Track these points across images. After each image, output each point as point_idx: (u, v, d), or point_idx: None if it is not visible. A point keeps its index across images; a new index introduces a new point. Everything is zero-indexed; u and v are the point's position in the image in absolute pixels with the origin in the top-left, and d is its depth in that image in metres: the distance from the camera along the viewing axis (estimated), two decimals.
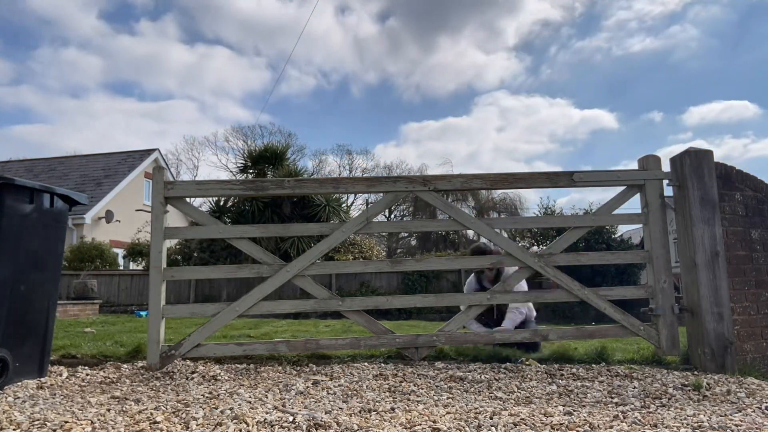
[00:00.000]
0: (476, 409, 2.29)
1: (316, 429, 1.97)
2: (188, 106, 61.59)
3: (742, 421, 2.15)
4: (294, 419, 2.05)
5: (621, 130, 57.24)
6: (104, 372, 3.16)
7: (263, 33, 57.83)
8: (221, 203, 14.98)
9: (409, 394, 2.61)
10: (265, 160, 15.62)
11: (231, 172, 33.32)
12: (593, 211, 4.66)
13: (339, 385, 2.76)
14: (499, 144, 59.63)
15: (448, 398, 2.54)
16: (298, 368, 3.25)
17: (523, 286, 4.00)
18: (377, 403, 2.39)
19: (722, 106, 56.89)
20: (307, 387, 2.73)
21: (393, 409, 2.29)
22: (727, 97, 58.20)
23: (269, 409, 2.24)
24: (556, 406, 2.39)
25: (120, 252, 17.75)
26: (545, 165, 55.31)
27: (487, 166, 55.25)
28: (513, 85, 58.96)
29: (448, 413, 2.22)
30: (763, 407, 2.39)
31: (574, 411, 2.29)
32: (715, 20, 53.86)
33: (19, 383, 2.79)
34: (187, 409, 2.23)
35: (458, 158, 57.05)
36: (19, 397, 2.53)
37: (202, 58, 59.99)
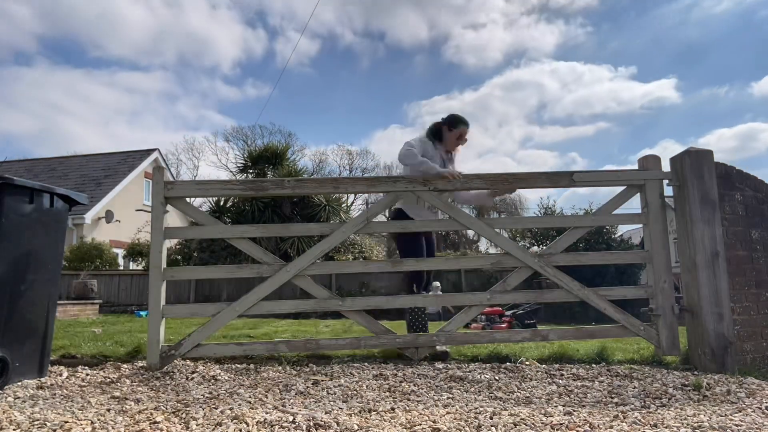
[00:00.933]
0: (476, 409, 2.29)
1: (316, 429, 1.97)
2: (162, 76, 54.15)
3: (742, 421, 2.15)
4: (294, 419, 2.05)
5: (681, 107, 53.34)
6: (104, 372, 3.16)
7: None
8: (221, 203, 14.99)
9: (409, 394, 2.61)
10: (266, 160, 15.64)
11: (231, 172, 33.31)
12: (593, 211, 4.67)
13: (339, 385, 2.76)
14: (534, 129, 54.76)
15: (448, 398, 2.54)
16: (298, 368, 3.25)
17: None
18: (377, 403, 2.39)
19: None
20: (307, 387, 2.73)
21: (393, 409, 2.29)
22: None
23: (269, 409, 2.24)
24: (556, 406, 2.39)
25: (120, 252, 17.74)
26: (579, 158, 52.39)
27: (518, 157, 52.07)
28: (567, 53, 53.77)
29: (448, 413, 2.22)
30: (763, 407, 2.38)
31: (574, 411, 2.29)
32: None
33: (19, 383, 2.79)
34: (187, 409, 2.23)
35: (478, 149, 53.54)
36: (19, 397, 2.52)
37: (166, 11, 50.31)
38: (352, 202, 30.49)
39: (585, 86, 53.69)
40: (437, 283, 12.46)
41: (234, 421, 2.03)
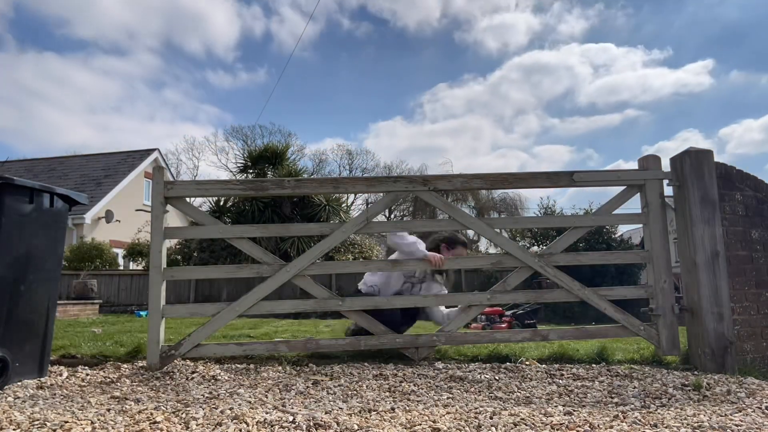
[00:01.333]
0: (476, 409, 2.29)
1: (316, 429, 1.96)
2: (149, 61, 50.08)
3: (742, 421, 2.14)
4: (294, 419, 2.05)
5: (713, 93, 51.02)
6: (104, 372, 3.16)
7: None
8: (221, 203, 14.98)
9: (409, 394, 2.61)
10: (265, 160, 15.62)
11: (231, 172, 33.37)
12: (593, 211, 4.67)
13: (339, 385, 2.76)
14: (553, 121, 52.28)
15: (448, 398, 2.54)
16: (298, 368, 3.25)
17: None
18: (377, 403, 2.39)
19: None
20: (307, 387, 2.73)
21: (393, 409, 2.29)
22: None
23: (269, 409, 2.24)
24: (556, 406, 2.39)
25: (120, 252, 17.75)
26: (595, 153, 50.43)
27: (534, 152, 50.58)
28: (600, 36, 51.22)
29: (448, 413, 2.22)
30: (763, 407, 2.39)
31: (574, 411, 2.29)
32: None
33: (19, 383, 2.79)
34: (187, 409, 2.23)
35: (491, 143, 51.64)
36: (19, 397, 2.53)
37: None
38: (352, 202, 30.53)
39: (616, 71, 51.43)
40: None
41: (234, 421, 2.03)
